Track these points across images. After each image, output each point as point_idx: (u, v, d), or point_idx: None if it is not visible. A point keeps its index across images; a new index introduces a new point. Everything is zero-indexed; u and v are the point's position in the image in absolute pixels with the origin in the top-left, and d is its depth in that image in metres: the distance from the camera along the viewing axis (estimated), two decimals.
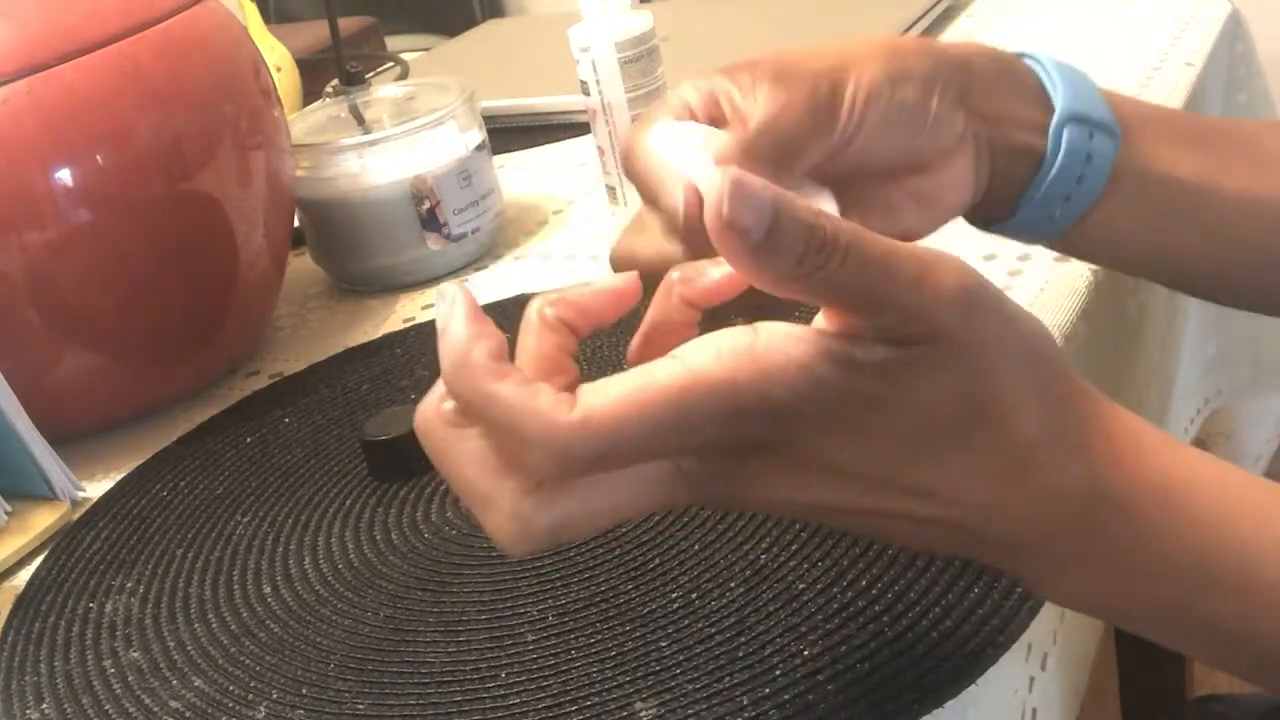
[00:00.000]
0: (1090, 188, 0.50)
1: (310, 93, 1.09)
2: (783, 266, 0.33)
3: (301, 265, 0.85)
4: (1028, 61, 0.51)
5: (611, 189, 0.79)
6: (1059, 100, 0.49)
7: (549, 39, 0.97)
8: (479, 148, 0.80)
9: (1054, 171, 0.49)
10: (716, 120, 0.45)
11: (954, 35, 1.05)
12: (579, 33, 0.75)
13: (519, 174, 0.95)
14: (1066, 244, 0.53)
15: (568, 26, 0.76)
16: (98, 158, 0.63)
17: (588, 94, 0.76)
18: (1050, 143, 0.49)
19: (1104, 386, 0.64)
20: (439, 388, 0.36)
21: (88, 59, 0.63)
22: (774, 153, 0.43)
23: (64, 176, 0.63)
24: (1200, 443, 0.96)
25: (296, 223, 0.81)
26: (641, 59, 0.75)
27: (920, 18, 1.02)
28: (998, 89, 0.49)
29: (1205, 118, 0.57)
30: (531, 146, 0.99)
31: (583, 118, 0.79)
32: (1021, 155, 0.49)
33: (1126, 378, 0.69)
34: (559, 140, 0.99)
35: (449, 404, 0.36)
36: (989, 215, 0.51)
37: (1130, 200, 0.51)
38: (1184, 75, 0.87)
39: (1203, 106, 0.87)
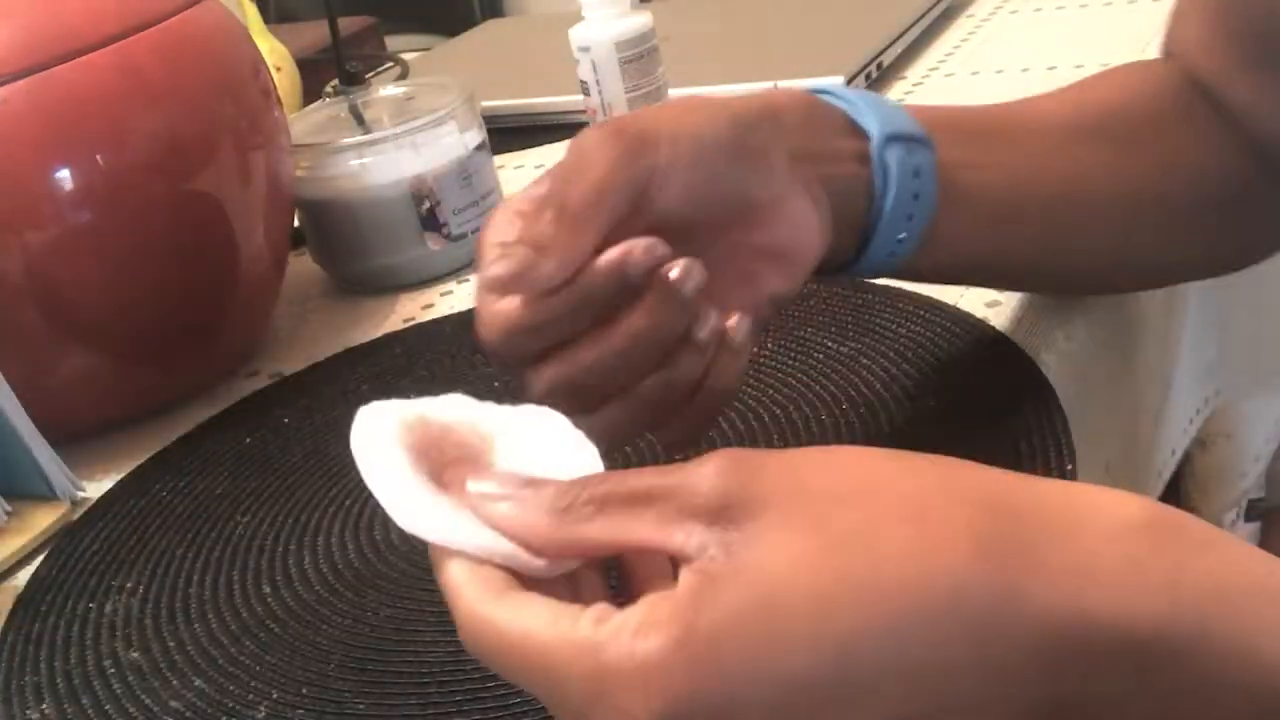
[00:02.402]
0: (927, 201, 0.49)
1: (310, 93, 1.09)
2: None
3: (301, 265, 0.85)
4: (824, 97, 0.50)
5: None
6: (873, 124, 0.49)
7: (549, 39, 0.97)
8: (479, 148, 0.80)
9: (891, 193, 0.48)
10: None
11: (954, 35, 1.05)
12: (579, 33, 0.75)
13: (519, 174, 0.95)
14: (916, 268, 0.52)
15: (568, 26, 0.76)
16: (98, 158, 0.63)
17: (588, 94, 0.76)
18: (877, 167, 0.48)
19: (1104, 387, 0.64)
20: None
21: (88, 59, 0.63)
22: (591, 208, 0.44)
23: (64, 176, 0.63)
24: (1200, 443, 0.96)
25: (296, 223, 0.81)
26: (641, 59, 0.75)
27: (920, 17, 1.02)
28: (810, 128, 0.48)
29: (989, 108, 0.57)
30: (531, 146, 0.99)
31: (583, 118, 0.79)
32: (852, 188, 0.48)
33: (1126, 378, 0.69)
34: (559, 140, 0.99)
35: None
36: (838, 260, 0.50)
37: (959, 206, 0.50)
38: None
39: None
